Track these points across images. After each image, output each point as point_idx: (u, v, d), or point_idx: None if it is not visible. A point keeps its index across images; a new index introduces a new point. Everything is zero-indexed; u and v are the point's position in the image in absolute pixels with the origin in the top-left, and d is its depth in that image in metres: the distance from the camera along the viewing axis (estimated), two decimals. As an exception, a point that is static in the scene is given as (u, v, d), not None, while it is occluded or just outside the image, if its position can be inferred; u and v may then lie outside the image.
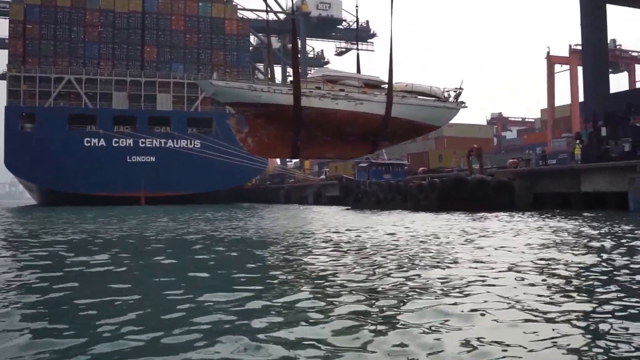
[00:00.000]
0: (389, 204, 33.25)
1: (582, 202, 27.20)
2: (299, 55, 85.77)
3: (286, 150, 19.93)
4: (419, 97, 20.39)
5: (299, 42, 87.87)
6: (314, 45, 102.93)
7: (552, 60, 55.19)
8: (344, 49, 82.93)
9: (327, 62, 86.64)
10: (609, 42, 41.95)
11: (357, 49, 21.89)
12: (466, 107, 21.82)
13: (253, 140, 19.31)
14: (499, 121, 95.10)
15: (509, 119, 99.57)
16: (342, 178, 42.85)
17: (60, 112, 57.00)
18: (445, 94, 20.88)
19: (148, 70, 60.41)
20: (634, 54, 57.43)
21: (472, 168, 33.02)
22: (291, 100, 17.91)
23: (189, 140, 59.48)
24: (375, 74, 21.23)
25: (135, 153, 58.09)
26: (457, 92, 20.83)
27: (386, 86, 19.70)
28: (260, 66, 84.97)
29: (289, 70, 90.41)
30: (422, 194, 30.40)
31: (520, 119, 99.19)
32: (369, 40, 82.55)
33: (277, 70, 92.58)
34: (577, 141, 30.07)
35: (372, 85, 20.00)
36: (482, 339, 4.49)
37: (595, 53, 30.50)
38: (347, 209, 36.24)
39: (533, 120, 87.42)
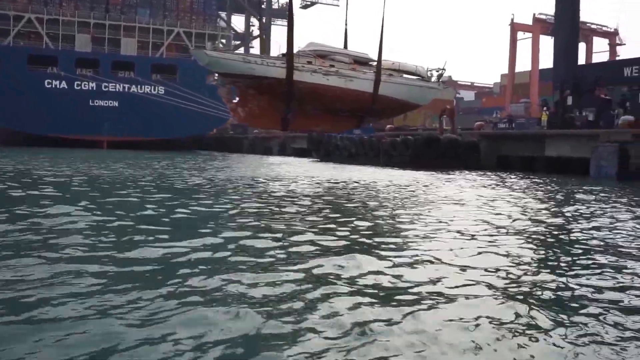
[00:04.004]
0: (360, 158, 34.44)
1: (545, 166, 29.05)
2: (264, 7, 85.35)
3: (276, 122, 20.68)
4: (405, 75, 21.48)
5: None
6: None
7: (515, 28, 56.93)
8: (309, 2, 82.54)
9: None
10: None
11: (346, 23, 22.45)
12: (447, 87, 23.13)
13: (243, 110, 20.09)
14: (449, 84, 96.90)
15: (458, 82, 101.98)
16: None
17: (20, 51, 55.31)
18: (429, 74, 22.05)
19: (113, 13, 59.11)
20: (592, 26, 59.72)
21: (443, 128, 34.55)
22: (284, 74, 18.64)
23: (152, 86, 58.85)
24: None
25: (98, 97, 57.21)
26: (440, 72, 22.08)
27: (373, 63, 20.69)
28: (223, 14, 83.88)
29: (252, 20, 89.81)
30: (395, 150, 31.75)
31: (470, 83, 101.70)
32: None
33: (240, 20, 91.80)
34: (544, 108, 31.86)
35: (360, 62, 20.92)
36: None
37: (569, 24, 32.14)
38: (317, 161, 37.40)
39: (483, 85, 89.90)
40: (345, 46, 21.57)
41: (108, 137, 55.58)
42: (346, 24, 22.27)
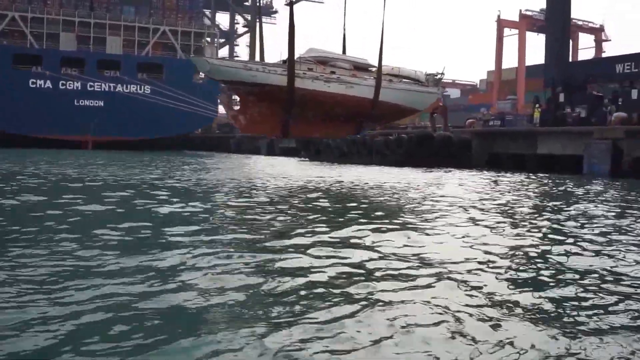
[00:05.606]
0: (352, 157, 34.33)
1: (537, 163, 29.12)
2: (248, 3, 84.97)
3: (276, 128, 20.70)
4: (404, 81, 21.51)
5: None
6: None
7: (501, 24, 57.14)
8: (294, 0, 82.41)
9: (276, 12, 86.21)
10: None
11: (344, 28, 22.31)
12: (446, 93, 23.09)
13: (244, 117, 20.07)
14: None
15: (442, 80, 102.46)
16: (302, 130, 43.48)
17: (4, 50, 54.54)
18: (427, 79, 22.12)
19: (98, 11, 58.46)
20: (579, 22, 60.13)
21: (435, 126, 34.60)
22: (285, 81, 18.60)
23: (138, 86, 58.25)
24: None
25: (84, 97, 56.46)
26: (438, 77, 22.16)
27: (373, 69, 20.70)
28: (208, 12, 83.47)
29: (237, 18, 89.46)
30: (388, 149, 31.75)
31: (451, 81, 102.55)
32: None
33: (225, 18, 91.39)
34: (537, 105, 31.97)
35: (360, 67, 20.96)
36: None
37: (560, 21, 32.38)
38: (306, 161, 37.20)
39: (465, 82, 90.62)
40: (344, 51, 21.56)
41: (93, 138, 54.93)
42: (344, 29, 22.19)
